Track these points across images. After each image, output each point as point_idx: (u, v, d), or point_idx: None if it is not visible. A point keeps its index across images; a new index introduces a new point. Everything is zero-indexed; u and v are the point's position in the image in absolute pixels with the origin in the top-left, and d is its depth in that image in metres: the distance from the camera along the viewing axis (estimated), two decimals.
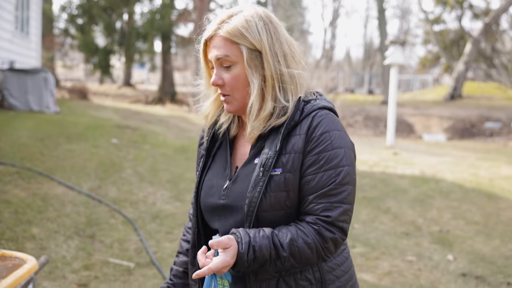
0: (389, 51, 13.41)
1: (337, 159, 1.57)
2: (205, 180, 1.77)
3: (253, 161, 1.65)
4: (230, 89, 1.65)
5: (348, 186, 1.57)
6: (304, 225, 1.56)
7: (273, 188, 1.58)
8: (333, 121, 1.63)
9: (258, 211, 1.58)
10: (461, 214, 6.75)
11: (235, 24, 1.64)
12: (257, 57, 1.64)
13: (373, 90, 36.99)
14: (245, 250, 1.51)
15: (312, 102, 1.65)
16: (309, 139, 1.59)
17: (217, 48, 1.63)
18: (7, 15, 12.41)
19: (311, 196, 1.57)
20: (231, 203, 1.65)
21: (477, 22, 30.42)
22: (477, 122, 19.14)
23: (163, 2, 24.01)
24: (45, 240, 4.57)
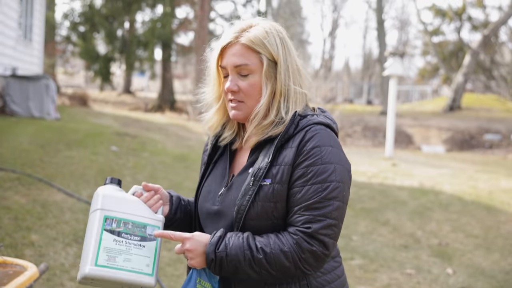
0: (388, 62, 13.46)
1: (325, 174, 1.58)
2: (205, 185, 1.82)
3: (248, 170, 1.69)
4: (245, 96, 1.67)
5: (334, 201, 1.57)
6: (284, 235, 1.58)
7: (262, 198, 1.60)
8: (327, 137, 1.64)
9: (245, 219, 1.61)
10: (461, 227, 6.75)
11: (257, 34, 1.67)
12: (273, 69, 1.68)
13: (372, 100, 37.06)
14: (213, 242, 1.57)
15: (308, 117, 1.67)
16: (299, 152, 1.61)
17: (237, 55, 1.66)
18: (11, 23, 12.46)
19: (296, 207, 1.58)
20: (224, 209, 1.69)
21: (476, 34, 30.57)
22: (476, 134, 19.17)
23: (164, 11, 24.09)
24: (44, 247, 4.56)
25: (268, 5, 37.20)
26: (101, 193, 1.69)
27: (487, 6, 29.94)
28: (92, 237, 1.64)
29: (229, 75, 1.68)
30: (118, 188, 1.75)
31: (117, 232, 1.64)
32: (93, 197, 1.74)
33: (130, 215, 1.67)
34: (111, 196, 1.69)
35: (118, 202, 1.68)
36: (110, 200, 1.68)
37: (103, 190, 1.71)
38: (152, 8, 25.28)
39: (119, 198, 1.70)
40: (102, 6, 24.24)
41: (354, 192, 8.11)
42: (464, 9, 30.12)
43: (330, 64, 48.02)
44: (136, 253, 1.64)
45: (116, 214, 1.66)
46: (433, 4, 32.08)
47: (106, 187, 1.74)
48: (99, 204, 1.67)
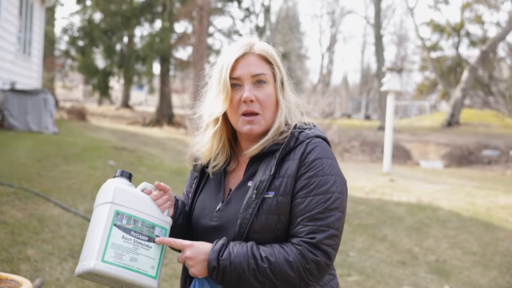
0: (386, 77, 13.51)
1: (327, 185, 1.60)
2: (197, 201, 1.80)
3: (247, 183, 1.69)
4: (262, 107, 1.68)
5: (336, 212, 1.59)
6: (288, 245, 1.58)
7: (265, 210, 1.60)
8: (326, 150, 1.67)
9: (248, 232, 1.61)
10: (458, 243, 6.73)
11: (267, 47, 1.73)
12: (282, 82, 1.74)
13: (370, 115, 37.14)
14: (216, 249, 1.55)
15: (307, 130, 1.71)
16: (301, 164, 1.63)
17: (254, 65, 1.68)
18: (10, 37, 12.51)
19: (299, 218, 1.59)
20: (223, 224, 1.67)
21: (474, 49, 30.73)
22: (475, 150, 19.18)
23: (163, 26, 24.24)
24: (40, 262, 4.54)
25: (266, 20, 37.42)
26: (113, 186, 1.62)
27: (485, 22, 30.08)
28: (99, 230, 1.57)
29: (244, 85, 1.67)
30: (128, 182, 1.68)
31: (126, 229, 1.59)
32: (101, 188, 1.67)
33: (141, 213, 1.62)
34: (123, 190, 1.62)
35: (130, 198, 1.62)
36: (122, 194, 1.61)
37: (115, 183, 1.64)
38: (150, 23, 25.44)
39: (131, 194, 1.63)
40: (101, 21, 24.39)
41: (351, 207, 8.09)
42: (462, 25, 30.32)
43: (328, 79, 48.17)
44: (142, 253, 1.60)
45: (128, 211, 1.60)
46: (431, 20, 32.28)
47: (117, 180, 1.67)
48: (111, 197, 1.60)
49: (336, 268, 1.97)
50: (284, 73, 1.75)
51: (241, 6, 28.22)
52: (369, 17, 42.76)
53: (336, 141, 19.27)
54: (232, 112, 1.70)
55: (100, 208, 1.62)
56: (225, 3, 28.06)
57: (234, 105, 1.69)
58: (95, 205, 1.66)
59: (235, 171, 1.78)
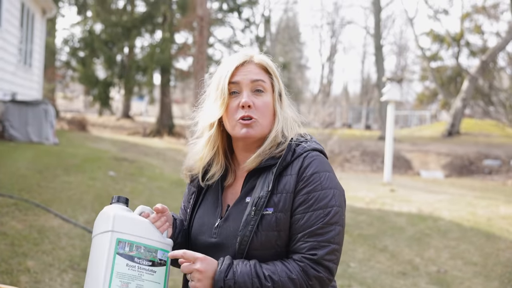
0: (386, 87, 13.54)
1: (326, 199, 1.60)
2: (196, 217, 1.79)
3: (245, 199, 1.68)
4: (259, 113, 1.68)
5: (336, 226, 1.59)
6: (290, 262, 1.58)
7: (265, 227, 1.60)
8: (324, 163, 1.67)
9: (249, 249, 1.60)
10: (459, 254, 6.71)
11: (266, 58, 1.75)
12: (280, 94, 1.75)
13: (370, 125, 37.17)
14: (223, 269, 1.54)
15: (303, 144, 1.70)
16: (299, 178, 1.62)
17: (253, 72, 1.70)
18: (12, 48, 12.56)
19: (299, 234, 1.59)
20: (223, 241, 1.67)
21: (474, 59, 30.80)
22: (476, 159, 19.16)
23: (163, 37, 24.32)
24: (39, 274, 4.53)
25: (266, 31, 37.54)
26: (112, 214, 1.60)
27: (485, 32, 30.20)
28: (103, 260, 1.56)
29: (243, 91, 1.68)
30: (126, 207, 1.67)
31: (130, 256, 1.57)
32: (99, 216, 1.65)
33: (142, 238, 1.60)
34: (122, 217, 1.60)
35: (130, 223, 1.60)
36: (122, 221, 1.59)
37: (113, 210, 1.62)
38: (151, 33, 25.53)
39: (131, 219, 1.61)
40: (102, 32, 24.47)
41: (351, 218, 8.08)
42: (462, 35, 30.42)
43: (328, 89, 48.27)
44: (148, 279, 1.59)
45: (129, 237, 1.58)
46: (431, 30, 32.39)
47: (114, 206, 1.65)
48: (111, 225, 1.58)
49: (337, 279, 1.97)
50: (282, 86, 1.76)
51: (241, 17, 28.32)
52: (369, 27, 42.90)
53: (336, 151, 19.27)
54: (229, 118, 1.70)
55: (100, 237, 1.60)
56: (225, 13, 28.17)
57: (231, 111, 1.69)
58: (94, 234, 1.64)
59: (233, 186, 1.78)
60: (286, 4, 49.43)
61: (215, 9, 27.00)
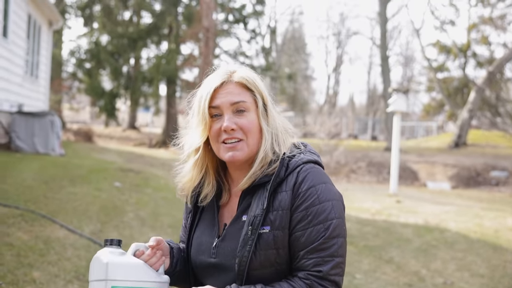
0: (392, 98, 13.53)
1: (325, 213, 1.57)
2: (194, 237, 1.77)
3: (241, 218, 1.65)
4: (245, 133, 1.64)
5: (338, 239, 1.57)
6: (296, 280, 1.56)
7: (263, 246, 1.58)
8: (319, 175, 1.63)
9: (248, 269, 1.58)
10: (466, 265, 6.66)
11: (248, 74, 1.68)
12: (264, 108, 1.69)
13: (376, 136, 37.10)
14: None
15: (296, 156, 1.66)
16: (295, 195, 1.59)
17: (233, 93, 1.64)
18: (18, 60, 12.66)
19: (302, 251, 1.57)
20: (222, 261, 1.65)
21: (481, 70, 30.74)
22: (483, 171, 19.07)
23: (169, 48, 24.45)
24: (45, 284, 4.52)
25: (272, 41, 37.69)
26: (105, 261, 1.60)
27: (492, 43, 30.15)
28: None
29: (224, 114, 1.64)
30: (119, 250, 1.67)
31: None
32: (94, 262, 1.66)
33: (137, 282, 1.61)
34: (116, 264, 1.61)
35: (124, 269, 1.60)
36: (116, 268, 1.60)
37: (107, 257, 1.62)
38: (157, 45, 25.67)
39: (125, 265, 1.61)
40: (108, 43, 24.63)
41: (357, 229, 8.05)
42: (468, 46, 30.39)
43: (334, 99, 48.30)
44: None
45: (124, 284, 1.59)
46: (438, 41, 32.37)
47: (107, 251, 1.65)
48: (104, 274, 1.59)
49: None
50: (267, 98, 1.70)
51: (247, 28, 28.45)
52: (375, 38, 42.97)
53: (342, 162, 19.23)
54: (213, 141, 1.68)
55: (95, 284, 1.62)
56: (231, 24, 28.31)
57: (214, 134, 1.66)
58: (90, 279, 1.65)
59: (228, 204, 1.75)
60: (292, 15, 49.65)
61: (221, 20, 27.14)
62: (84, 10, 24.92)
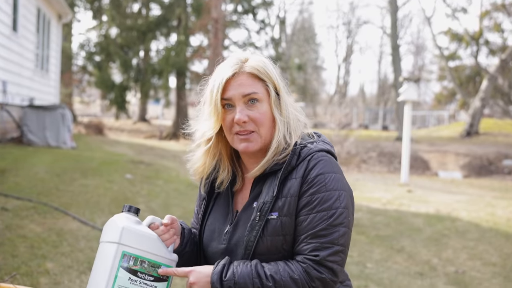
0: (403, 88, 13.46)
1: (330, 200, 1.57)
2: (207, 224, 1.78)
3: (252, 205, 1.67)
4: (257, 125, 1.64)
5: (340, 227, 1.56)
6: (293, 262, 1.56)
7: (270, 232, 1.59)
8: (330, 164, 1.63)
9: (254, 254, 1.59)
10: (478, 254, 6.64)
11: (259, 63, 1.67)
12: (277, 98, 1.68)
13: (387, 126, 36.94)
14: (217, 270, 1.55)
15: (308, 145, 1.66)
16: (304, 181, 1.60)
17: (245, 85, 1.64)
18: (28, 54, 12.73)
19: (302, 236, 1.57)
20: (232, 247, 1.66)
21: (493, 58, 30.46)
22: (495, 160, 18.93)
23: (179, 40, 24.45)
24: (59, 275, 4.57)
25: (281, 32, 37.60)
26: (121, 226, 1.60)
27: (504, 30, 29.83)
28: (105, 272, 1.57)
29: (236, 106, 1.64)
30: (136, 218, 1.66)
31: (133, 270, 1.58)
32: (109, 223, 1.66)
33: (148, 253, 1.61)
34: (131, 230, 1.60)
35: (138, 238, 1.60)
36: (130, 235, 1.59)
37: (122, 221, 1.62)
38: (166, 37, 25.67)
39: (139, 234, 1.61)
40: (117, 36, 24.68)
41: (368, 218, 8.05)
42: (481, 34, 30.10)
43: (345, 89, 48.14)
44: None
45: (135, 251, 1.59)
46: (449, 29, 32.08)
47: (124, 216, 1.65)
48: (118, 237, 1.59)
49: (354, 279, 1.96)
50: (280, 87, 1.69)
51: (256, 19, 28.38)
52: (385, 27, 42.73)
53: (353, 152, 19.19)
54: (226, 132, 1.68)
55: (107, 246, 1.61)
56: (240, 15, 28.26)
57: (227, 125, 1.66)
58: (102, 240, 1.65)
59: (242, 191, 1.77)
60: (301, 5, 49.52)
61: (230, 11, 27.10)
62: (93, 3, 24.97)
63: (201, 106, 1.75)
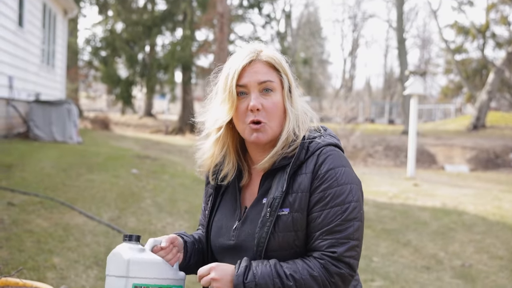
0: (409, 81, 13.40)
1: (343, 195, 1.57)
2: (215, 220, 1.77)
3: (261, 201, 1.66)
4: (268, 115, 1.64)
5: (355, 222, 1.57)
6: (310, 259, 1.56)
7: (281, 228, 1.58)
8: (339, 158, 1.63)
9: (266, 250, 1.59)
10: (485, 248, 6.62)
11: (274, 53, 1.68)
12: (289, 89, 1.69)
13: (393, 120, 36.84)
14: (240, 273, 1.53)
15: (316, 139, 1.66)
16: (315, 176, 1.59)
17: (260, 72, 1.64)
18: (34, 49, 12.75)
19: (317, 232, 1.57)
20: (241, 243, 1.65)
21: (500, 51, 30.29)
22: (502, 153, 18.84)
23: (184, 34, 24.44)
24: (65, 270, 4.59)
25: (287, 26, 37.51)
26: (126, 258, 1.62)
27: (511, 23, 29.62)
28: None
29: (251, 93, 1.63)
30: (138, 246, 1.67)
31: None
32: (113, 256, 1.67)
33: (157, 279, 1.63)
34: (137, 261, 1.62)
35: (145, 267, 1.62)
36: (136, 266, 1.61)
37: (127, 253, 1.63)
38: (172, 31, 25.66)
39: (145, 262, 1.63)
40: (123, 31, 24.69)
41: (374, 212, 8.03)
42: (487, 26, 29.92)
43: (351, 83, 48.01)
44: None
45: (144, 281, 1.61)
46: (456, 22, 31.91)
47: (127, 247, 1.66)
48: (125, 271, 1.61)
49: (360, 273, 1.96)
50: (292, 80, 1.70)
51: (262, 13, 28.32)
52: (391, 21, 42.53)
53: (359, 146, 19.15)
54: (238, 121, 1.67)
55: (115, 280, 1.63)
56: (245, 10, 28.20)
57: (240, 113, 1.65)
58: (109, 273, 1.66)
59: (249, 186, 1.75)
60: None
61: (235, 6, 27.05)
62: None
63: (213, 95, 1.74)
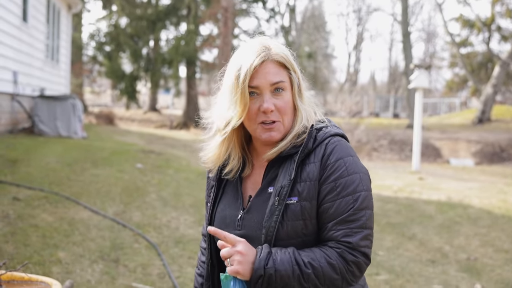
0: (414, 75, 13.35)
1: (353, 184, 1.58)
2: (218, 211, 1.77)
3: (267, 190, 1.65)
4: (281, 114, 1.64)
5: (366, 210, 1.58)
6: (327, 248, 1.57)
7: (290, 217, 1.58)
8: (346, 148, 1.64)
9: (275, 239, 1.58)
10: (490, 241, 6.60)
11: (283, 51, 1.67)
12: (298, 86, 1.69)
13: (398, 114, 36.75)
14: (263, 257, 1.52)
15: (323, 129, 1.67)
16: (324, 166, 1.60)
17: (272, 73, 1.62)
18: (39, 44, 12.76)
19: (330, 223, 1.57)
20: (248, 233, 1.64)
21: (505, 44, 30.13)
22: (507, 146, 18.78)
23: (188, 29, 24.41)
24: (70, 264, 4.61)
25: (291, 20, 37.37)
26: None
27: None
28: None
29: (263, 94, 1.62)
30: None
31: None
32: None
33: None
34: None
35: None
36: None
37: None
38: (176, 26, 25.64)
39: None
40: (127, 26, 24.68)
41: (379, 206, 8.02)
42: (493, 20, 29.75)
43: (355, 77, 47.93)
44: None
45: None
46: (461, 15, 31.73)
47: None
48: None
49: None
50: (299, 74, 1.70)
51: (266, 7, 28.24)
52: (396, 14, 42.36)
53: (364, 140, 19.11)
54: (250, 121, 1.65)
55: None
56: (249, 4, 28.13)
57: (252, 114, 1.63)
58: None
59: (252, 176, 1.75)
60: None
61: (239, 0, 26.97)
62: None
63: (222, 92, 1.70)
